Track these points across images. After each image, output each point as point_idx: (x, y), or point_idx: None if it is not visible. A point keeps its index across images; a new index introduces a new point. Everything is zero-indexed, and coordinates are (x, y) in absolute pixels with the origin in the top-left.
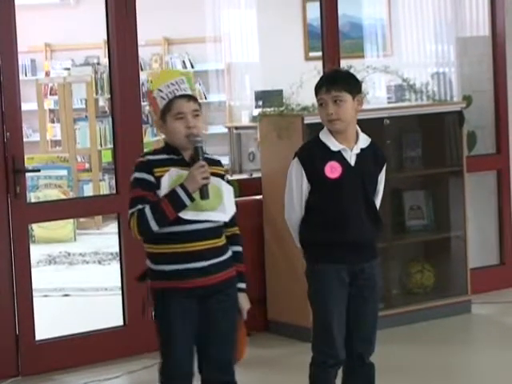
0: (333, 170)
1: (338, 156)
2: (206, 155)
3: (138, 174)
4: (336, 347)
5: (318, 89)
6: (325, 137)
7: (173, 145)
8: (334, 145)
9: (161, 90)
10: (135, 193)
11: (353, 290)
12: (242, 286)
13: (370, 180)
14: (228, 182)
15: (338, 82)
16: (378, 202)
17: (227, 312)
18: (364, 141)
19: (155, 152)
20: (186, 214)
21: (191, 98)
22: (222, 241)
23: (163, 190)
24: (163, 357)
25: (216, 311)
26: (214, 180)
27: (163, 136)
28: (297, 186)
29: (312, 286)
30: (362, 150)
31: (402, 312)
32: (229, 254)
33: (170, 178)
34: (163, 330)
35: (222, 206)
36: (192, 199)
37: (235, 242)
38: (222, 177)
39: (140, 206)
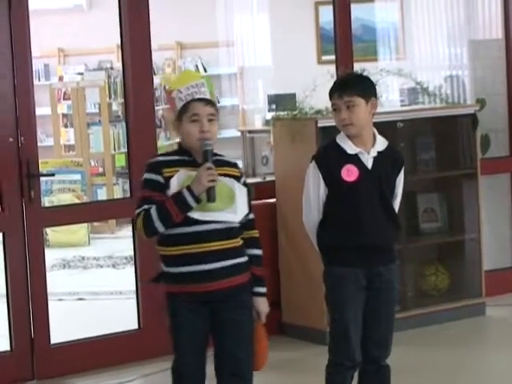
0: (349, 174)
1: (355, 159)
2: (220, 157)
3: (146, 175)
4: (353, 350)
5: (331, 94)
6: (341, 140)
7: (186, 146)
8: (350, 148)
9: (180, 91)
10: (143, 193)
11: (370, 293)
12: (261, 290)
13: (388, 183)
14: (245, 184)
15: (349, 86)
16: (396, 205)
17: (241, 319)
18: (381, 144)
19: (167, 153)
20: (193, 214)
21: (209, 102)
22: (234, 243)
23: (172, 190)
24: (174, 357)
25: (229, 318)
26: (226, 181)
27: (177, 139)
28: (314, 190)
29: (329, 289)
30: (379, 152)
31: (416, 314)
32: (243, 258)
33: (178, 179)
34: (173, 332)
35: (234, 207)
36: (198, 201)
37: (253, 245)
38: (237, 178)
39: (146, 207)
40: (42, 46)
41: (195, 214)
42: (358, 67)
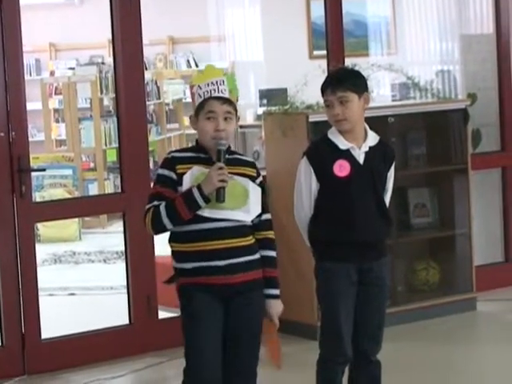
0: (341, 169)
1: (347, 154)
2: (237, 156)
3: (160, 171)
4: (343, 345)
5: (324, 90)
6: (333, 135)
7: (202, 143)
8: (342, 143)
9: (200, 87)
10: (154, 189)
11: (361, 289)
12: (275, 292)
13: (380, 178)
14: (261, 184)
15: (342, 82)
16: (387, 200)
17: (249, 316)
18: (372, 139)
19: (183, 149)
20: (206, 212)
21: (226, 100)
22: (246, 241)
23: (185, 187)
24: (187, 355)
25: (238, 315)
26: (241, 180)
27: (168, 135)
28: (306, 185)
29: (320, 284)
30: (370, 147)
31: (406, 309)
32: (255, 256)
33: (191, 176)
34: (187, 328)
35: (247, 207)
36: (207, 201)
37: (268, 246)
38: (253, 178)
39: (156, 203)
40: (34, 41)
41: (206, 212)
42: (349, 62)
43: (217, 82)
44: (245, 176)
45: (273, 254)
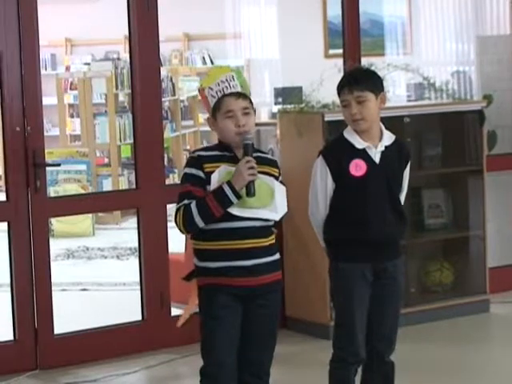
0: (357, 168)
1: (363, 154)
2: (262, 154)
3: (187, 170)
4: (357, 345)
5: (341, 89)
6: (349, 135)
7: (225, 142)
8: (358, 142)
9: (211, 89)
10: (184, 188)
11: (375, 289)
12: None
13: (395, 177)
14: (282, 183)
15: (359, 81)
16: (402, 199)
17: (266, 318)
18: (388, 138)
19: (207, 148)
20: (233, 210)
21: (240, 95)
22: (270, 240)
23: (213, 185)
24: (205, 355)
25: (256, 316)
26: (266, 179)
27: (182, 132)
28: (321, 185)
29: (335, 285)
30: (386, 147)
31: (420, 310)
32: (276, 256)
33: (219, 174)
34: (207, 328)
35: (274, 206)
36: (239, 197)
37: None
38: (276, 178)
39: (186, 202)
40: (50, 36)
41: (235, 211)
42: (365, 62)
43: (227, 80)
44: (270, 175)
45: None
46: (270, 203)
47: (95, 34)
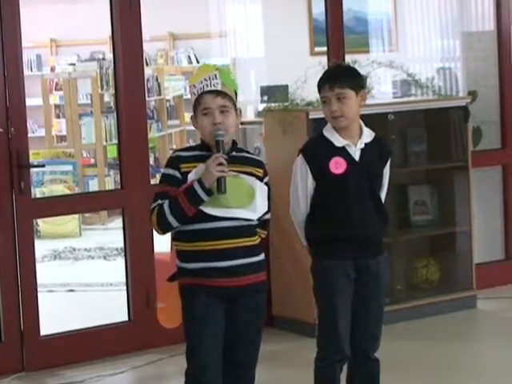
0: (337, 166)
1: (343, 152)
2: (246, 155)
3: (165, 170)
4: (341, 343)
5: (321, 86)
6: (328, 133)
7: (204, 141)
8: (338, 140)
9: (194, 86)
10: (159, 188)
11: (358, 286)
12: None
13: (376, 175)
14: (267, 184)
15: (340, 78)
16: (383, 196)
17: (250, 319)
18: (368, 135)
19: (189, 148)
20: (209, 210)
21: (219, 93)
22: (252, 241)
23: None
24: (188, 356)
25: (240, 317)
26: (248, 179)
27: (168, 131)
28: (302, 184)
29: (318, 282)
30: (366, 144)
31: (406, 307)
32: (260, 257)
33: (196, 174)
34: (189, 329)
35: (253, 205)
36: (209, 194)
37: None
38: (259, 178)
39: (160, 202)
40: (35, 37)
41: (212, 211)
42: (349, 59)
43: (209, 78)
44: (252, 175)
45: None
46: (250, 203)
47: (80, 35)
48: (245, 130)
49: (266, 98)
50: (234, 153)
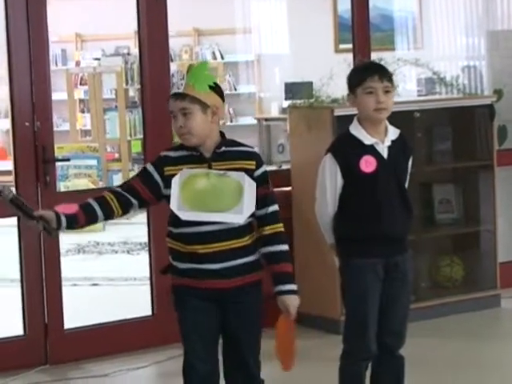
0: (368, 165)
1: (371, 150)
2: (236, 148)
3: (147, 165)
4: (369, 340)
5: (368, 76)
6: (356, 130)
7: None
8: (366, 138)
9: None
10: (132, 177)
11: (387, 284)
12: (290, 287)
13: (402, 171)
14: (264, 174)
15: (387, 72)
16: None
17: (246, 319)
18: (393, 133)
19: (178, 148)
20: (192, 216)
21: (179, 96)
22: (242, 242)
23: (173, 189)
24: (184, 356)
25: (234, 317)
26: (236, 176)
27: None
28: (331, 183)
29: (347, 281)
30: (392, 141)
31: (430, 305)
32: (252, 257)
33: (180, 179)
34: (180, 326)
35: (240, 206)
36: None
37: (278, 240)
38: (250, 172)
39: (116, 187)
40: (60, 31)
41: (195, 216)
42: (375, 56)
43: (181, 79)
44: (241, 170)
45: (284, 247)
46: (237, 204)
47: (105, 29)
48: (269, 126)
49: (290, 94)
50: (223, 148)
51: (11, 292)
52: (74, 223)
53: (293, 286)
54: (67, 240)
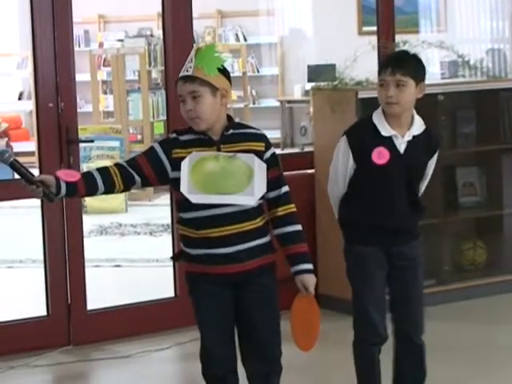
0: (380, 156)
1: (388, 142)
2: (243, 130)
3: (155, 144)
4: (375, 326)
5: (383, 68)
6: (378, 119)
7: None
8: (385, 129)
9: None
10: (139, 154)
11: (395, 273)
12: (307, 266)
13: (417, 168)
14: (273, 156)
15: (404, 65)
16: (423, 187)
17: (260, 303)
18: (418, 127)
19: (187, 131)
20: (202, 199)
21: (188, 78)
22: (253, 224)
23: (182, 173)
24: (201, 343)
25: (250, 300)
26: (245, 158)
27: None
28: (342, 164)
29: (349, 266)
30: (414, 136)
31: (453, 289)
32: (264, 238)
33: (190, 162)
34: (195, 312)
35: (250, 188)
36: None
37: (291, 221)
38: (260, 153)
39: (122, 161)
40: (83, 13)
41: (206, 199)
42: (399, 39)
43: (188, 61)
44: (251, 152)
45: (297, 227)
46: (248, 185)
47: (128, 11)
48: (291, 108)
49: (313, 76)
50: (231, 131)
51: (34, 272)
52: (73, 192)
53: (310, 266)
54: (90, 221)
